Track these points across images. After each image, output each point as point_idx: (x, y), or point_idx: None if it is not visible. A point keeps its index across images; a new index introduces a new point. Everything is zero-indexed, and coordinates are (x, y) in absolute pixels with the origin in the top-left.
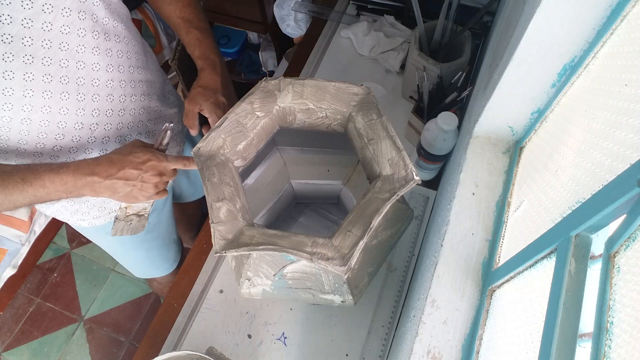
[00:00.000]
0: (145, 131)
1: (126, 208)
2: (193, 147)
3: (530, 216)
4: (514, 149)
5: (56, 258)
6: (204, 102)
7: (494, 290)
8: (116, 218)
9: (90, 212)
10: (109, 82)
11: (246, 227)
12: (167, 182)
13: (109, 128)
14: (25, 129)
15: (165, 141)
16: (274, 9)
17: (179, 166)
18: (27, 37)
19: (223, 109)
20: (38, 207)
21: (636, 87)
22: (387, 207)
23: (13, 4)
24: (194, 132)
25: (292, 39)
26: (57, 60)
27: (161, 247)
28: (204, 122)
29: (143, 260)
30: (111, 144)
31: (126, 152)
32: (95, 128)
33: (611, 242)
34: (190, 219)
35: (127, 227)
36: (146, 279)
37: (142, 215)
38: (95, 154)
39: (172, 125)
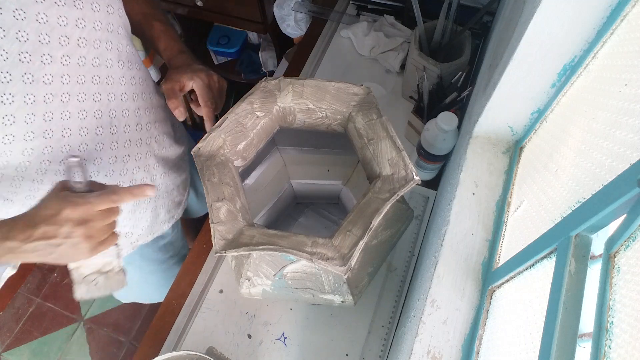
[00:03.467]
0: (166, 156)
1: (79, 268)
2: (197, 186)
3: (530, 216)
4: (514, 149)
5: None
6: (182, 76)
7: (494, 290)
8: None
9: None
10: (137, 111)
11: (246, 227)
12: (106, 226)
13: (139, 158)
14: (62, 169)
15: (77, 178)
16: (274, 9)
17: (106, 204)
18: (66, 74)
19: (205, 73)
20: None
21: (636, 87)
22: (387, 207)
23: (52, 43)
24: (180, 115)
25: (292, 39)
26: (90, 95)
27: (178, 265)
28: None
29: (163, 283)
30: (140, 174)
31: (40, 204)
32: (127, 160)
33: (611, 242)
34: (191, 226)
35: (94, 288)
36: None
37: (109, 271)
38: (127, 184)
39: (77, 159)
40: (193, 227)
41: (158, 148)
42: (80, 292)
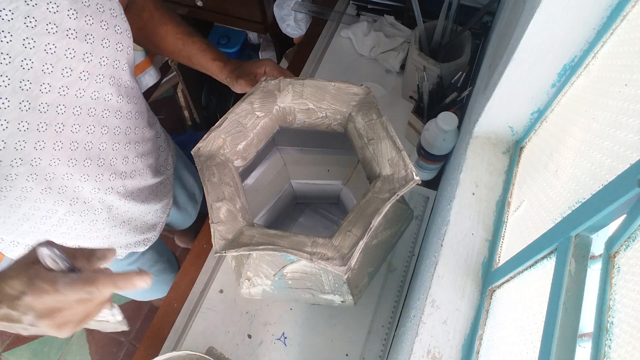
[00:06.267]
0: (153, 188)
1: None
2: (185, 190)
3: (530, 216)
4: (514, 149)
5: None
6: (251, 68)
7: (494, 290)
8: None
9: None
10: (127, 145)
11: (246, 227)
12: (85, 309)
13: (121, 190)
14: (42, 198)
15: (51, 260)
16: (274, 9)
17: (79, 295)
18: (61, 105)
19: (266, 60)
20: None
21: (636, 87)
22: (387, 207)
23: (54, 73)
24: None
25: (292, 39)
26: (84, 128)
27: (169, 268)
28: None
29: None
30: (118, 203)
31: (6, 274)
32: (110, 192)
33: (611, 242)
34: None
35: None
36: None
37: (104, 321)
38: (103, 214)
39: (45, 249)
40: (189, 232)
41: (140, 180)
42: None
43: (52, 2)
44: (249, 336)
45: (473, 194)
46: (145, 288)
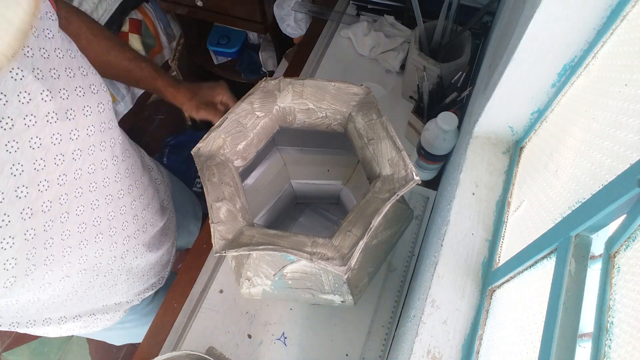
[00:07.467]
0: (163, 229)
1: None
2: (180, 209)
3: (530, 216)
4: (514, 149)
5: None
6: (211, 96)
7: (494, 290)
8: None
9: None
10: (133, 203)
11: (246, 227)
12: None
13: (137, 249)
14: (61, 286)
15: None
16: (274, 9)
17: None
18: (63, 194)
19: (220, 85)
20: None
21: (636, 87)
22: (387, 207)
23: (47, 167)
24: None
25: (292, 39)
26: (88, 205)
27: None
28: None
29: None
30: (136, 261)
31: None
32: (125, 255)
33: (611, 242)
34: None
35: None
36: None
37: None
38: (123, 277)
39: None
40: None
41: (151, 229)
42: None
43: (22, 92)
44: (249, 336)
45: (473, 194)
46: None
